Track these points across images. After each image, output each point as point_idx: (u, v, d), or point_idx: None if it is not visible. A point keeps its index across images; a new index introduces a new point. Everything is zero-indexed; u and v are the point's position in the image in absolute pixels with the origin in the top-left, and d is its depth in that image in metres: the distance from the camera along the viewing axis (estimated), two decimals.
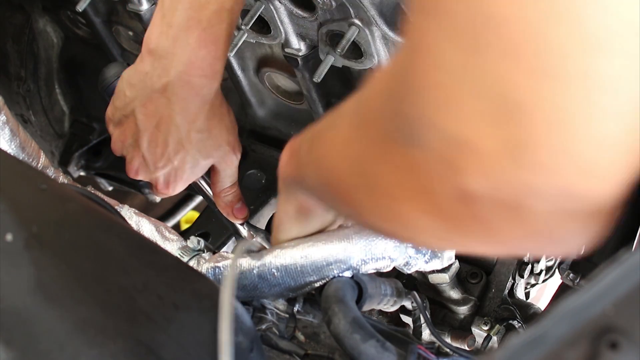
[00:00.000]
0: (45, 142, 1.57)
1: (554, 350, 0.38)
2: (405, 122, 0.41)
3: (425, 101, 0.38)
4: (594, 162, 0.36)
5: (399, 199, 0.46)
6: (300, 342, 0.77)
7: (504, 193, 0.38)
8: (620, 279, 0.39)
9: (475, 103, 0.35)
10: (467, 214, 0.40)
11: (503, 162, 0.36)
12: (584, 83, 0.33)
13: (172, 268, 0.64)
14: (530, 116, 0.35)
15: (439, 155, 0.39)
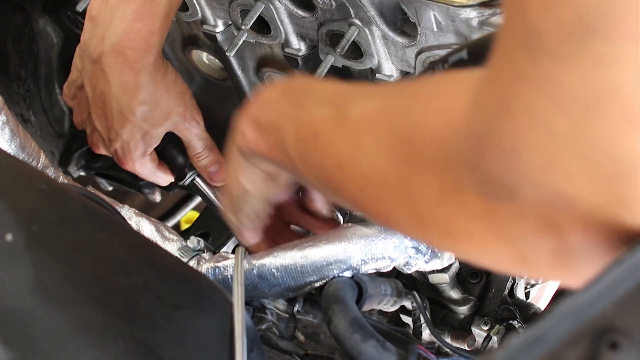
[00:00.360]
0: (45, 142, 1.57)
1: (554, 350, 0.38)
2: (493, 179, 0.42)
3: (517, 162, 0.39)
4: None
5: (459, 239, 0.47)
6: (300, 342, 0.77)
7: (603, 237, 0.40)
8: (620, 279, 0.39)
9: (577, 165, 0.36)
10: (554, 262, 0.42)
11: (603, 214, 0.38)
12: None
13: (172, 268, 0.64)
14: (636, 174, 0.35)
15: (534, 210, 0.40)
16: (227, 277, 0.81)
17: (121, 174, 1.67)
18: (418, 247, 0.81)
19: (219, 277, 0.81)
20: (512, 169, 0.40)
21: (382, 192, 0.53)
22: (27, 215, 0.56)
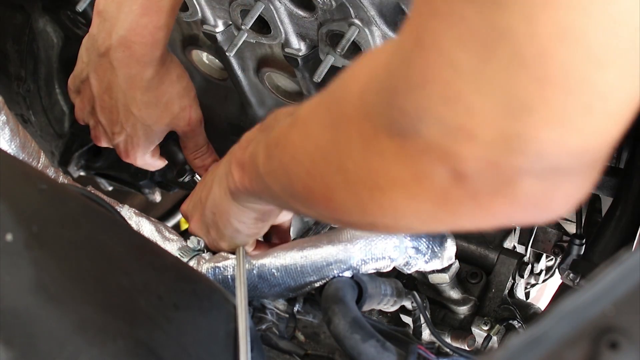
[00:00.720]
0: (45, 142, 1.57)
1: (554, 350, 0.38)
2: (402, 115, 0.44)
3: (424, 95, 0.41)
4: (586, 148, 0.41)
5: (385, 188, 0.48)
6: (300, 342, 0.77)
7: (497, 175, 0.42)
8: (620, 279, 0.39)
9: (478, 100, 0.39)
10: (459, 194, 0.44)
11: (500, 149, 0.40)
12: (582, 90, 0.38)
13: (172, 268, 0.64)
14: (532, 115, 0.39)
15: (438, 143, 0.42)
16: (227, 277, 0.81)
17: (121, 174, 1.68)
18: (418, 247, 0.81)
19: (219, 277, 0.81)
20: (418, 102, 0.42)
21: (322, 166, 0.54)
22: (27, 215, 0.56)
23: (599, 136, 0.41)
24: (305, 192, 0.59)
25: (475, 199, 0.44)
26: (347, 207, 0.55)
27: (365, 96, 0.49)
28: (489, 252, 1.11)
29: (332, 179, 0.54)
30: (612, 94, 0.38)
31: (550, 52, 0.36)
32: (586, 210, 1.20)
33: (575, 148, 0.40)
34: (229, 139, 1.38)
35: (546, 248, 1.21)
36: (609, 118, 0.40)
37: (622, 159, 1.04)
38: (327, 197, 0.56)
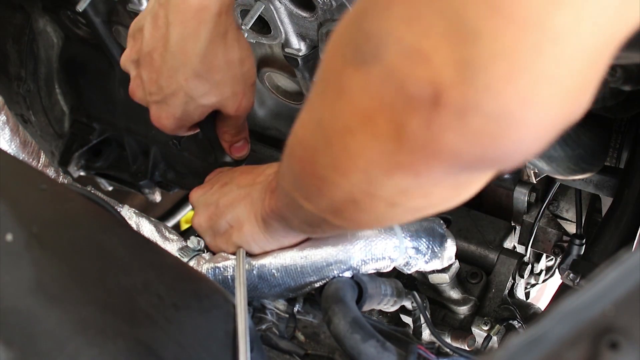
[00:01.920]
0: (45, 142, 1.57)
1: (554, 350, 0.38)
2: (366, 39, 0.44)
3: (388, 16, 0.42)
4: (533, 93, 0.40)
5: (354, 130, 0.49)
6: (300, 342, 0.77)
7: (449, 105, 0.42)
8: (620, 279, 0.39)
9: (436, 21, 0.40)
10: (416, 125, 0.44)
11: (450, 74, 0.41)
12: (533, 28, 0.38)
13: (172, 268, 0.64)
14: (483, 44, 0.39)
15: (396, 67, 0.43)
16: (227, 277, 0.81)
17: (121, 174, 1.68)
18: (418, 248, 0.81)
19: (219, 277, 0.81)
20: (382, 24, 0.43)
21: (309, 132, 0.55)
22: (27, 215, 0.56)
23: (549, 84, 0.40)
24: (300, 169, 0.59)
25: (428, 129, 0.44)
26: (325, 169, 0.54)
27: (339, 29, 0.49)
28: (489, 252, 1.11)
29: (314, 139, 0.54)
30: (566, 39, 0.38)
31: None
32: (586, 210, 1.20)
33: (524, 92, 0.40)
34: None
35: (546, 248, 1.21)
36: (559, 64, 0.39)
37: (622, 159, 1.04)
38: (311, 162, 0.56)
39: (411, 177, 0.49)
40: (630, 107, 0.93)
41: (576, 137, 0.93)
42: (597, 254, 0.99)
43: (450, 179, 0.49)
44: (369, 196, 0.53)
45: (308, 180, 0.59)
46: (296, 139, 0.59)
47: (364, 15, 0.45)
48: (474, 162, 0.46)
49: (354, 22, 0.46)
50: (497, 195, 1.19)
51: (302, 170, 0.59)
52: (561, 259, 1.14)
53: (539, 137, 0.43)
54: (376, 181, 0.51)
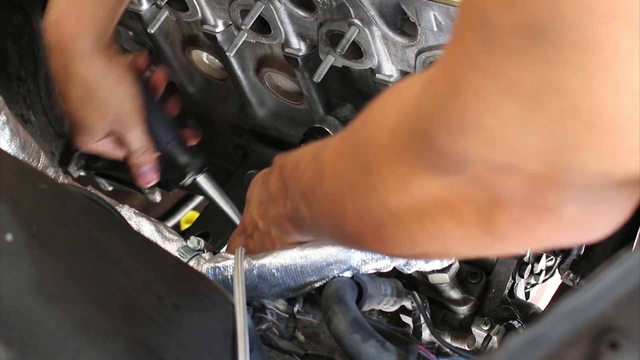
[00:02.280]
0: (45, 142, 1.57)
1: (554, 350, 0.38)
2: (442, 157, 0.45)
3: (472, 140, 0.43)
4: (629, 181, 0.42)
5: (433, 215, 0.50)
6: (300, 342, 0.77)
7: (542, 202, 0.43)
8: (620, 279, 0.39)
9: (528, 142, 0.40)
10: (504, 219, 0.45)
11: (545, 179, 0.42)
12: (633, 134, 0.38)
13: (172, 268, 0.64)
14: (580, 153, 0.40)
15: (483, 178, 0.44)
16: (227, 277, 0.81)
17: (121, 174, 1.67)
18: None
19: (219, 277, 0.81)
20: (460, 146, 0.44)
21: (364, 205, 0.56)
22: (27, 215, 0.56)
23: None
24: (354, 232, 0.60)
25: (520, 224, 0.45)
26: (396, 239, 0.56)
27: (396, 137, 0.50)
28: None
29: (378, 215, 0.55)
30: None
31: (605, 105, 0.37)
32: None
33: (621, 180, 0.41)
34: (229, 139, 1.39)
35: None
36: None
37: None
38: (377, 233, 0.57)
39: (500, 252, 0.53)
40: None
41: None
42: (597, 254, 0.99)
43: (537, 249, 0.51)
44: (444, 256, 0.57)
45: (367, 243, 0.60)
46: (344, 209, 0.59)
47: (431, 135, 0.45)
48: (567, 241, 0.48)
49: (417, 136, 0.47)
50: None
51: (359, 235, 0.59)
52: (561, 259, 1.13)
53: (631, 206, 0.46)
54: (456, 251, 0.53)
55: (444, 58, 0.44)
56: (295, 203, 0.71)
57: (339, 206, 0.59)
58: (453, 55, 0.43)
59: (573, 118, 0.38)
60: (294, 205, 0.71)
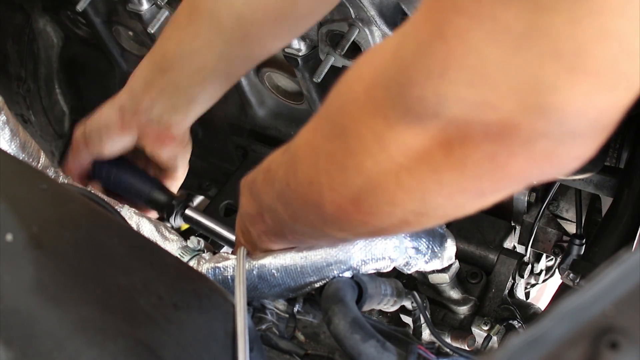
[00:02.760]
0: (45, 142, 1.57)
1: (554, 350, 0.38)
2: (419, 102, 0.46)
3: (445, 82, 0.44)
4: (601, 118, 0.44)
5: (410, 167, 0.51)
6: (300, 342, 0.77)
7: (516, 137, 0.45)
8: (620, 279, 0.39)
9: (508, 81, 0.42)
10: (479, 156, 0.47)
11: (521, 115, 0.43)
12: (612, 76, 0.41)
13: (172, 268, 0.64)
14: (557, 92, 0.42)
15: (460, 118, 0.45)
16: (227, 277, 0.81)
17: None
18: (418, 248, 0.81)
19: (219, 277, 0.81)
20: (439, 89, 0.45)
21: (342, 176, 0.56)
22: (27, 215, 0.56)
23: (618, 107, 0.44)
24: (333, 210, 0.60)
25: (493, 160, 0.47)
26: (374, 205, 0.56)
27: (372, 92, 0.51)
28: (489, 252, 1.11)
29: (354, 184, 0.55)
30: (637, 77, 0.42)
31: (588, 48, 0.39)
32: (586, 210, 1.20)
33: (594, 117, 0.43)
34: (229, 139, 1.39)
35: (546, 248, 1.21)
36: (629, 93, 0.43)
37: (622, 159, 1.04)
38: (355, 204, 0.57)
39: (475, 197, 0.52)
40: (631, 107, 0.92)
41: None
42: (597, 254, 0.99)
43: (510, 187, 0.52)
44: (424, 216, 0.56)
45: (348, 218, 0.60)
46: (322, 186, 0.60)
47: (410, 83, 0.47)
48: (535, 175, 0.49)
49: (393, 86, 0.48)
50: None
51: (339, 211, 0.60)
52: (561, 259, 1.14)
53: (594, 144, 0.47)
54: (435, 205, 0.54)
55: (423, 7, 0.46)
56: (272, 210, 0.71)
57: (315, 186, 0.60)
58: (435, 3, 0.44)
59: (555, 60, 0.40)
60: (272, 212, 0.72)
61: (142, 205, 1.06)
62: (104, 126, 1.02)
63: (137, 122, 1.00)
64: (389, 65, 0.49)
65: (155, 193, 1.05)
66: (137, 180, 1.05)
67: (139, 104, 0.99)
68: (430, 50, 0.45)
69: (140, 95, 0.98)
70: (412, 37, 0.47)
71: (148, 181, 1.05)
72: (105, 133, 1.02)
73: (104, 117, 1.02)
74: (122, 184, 1.06)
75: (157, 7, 1.17)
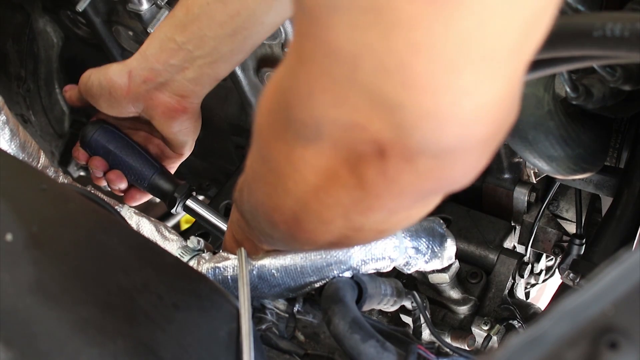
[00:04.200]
0: (45, 142, 1.57)
1: (554, 350, 0.38)
2: (303, 125, 0.49)
3: (314, 105, 0.47)
4: (466, 135, 0.45)
5: (325, 186, 0.53)
6: (300, 342, 0.77)
7: (396, 156, 0.46)
8: (620, 279, 0.39)
9: (360, 101, 0.44)
10: (373, 176, 0.49)
11: (389, 134, 0.45)
12: (444, 92, 0.42)
13: (172, 268, 0.64)
14: (407, 111, 0.43)
15: (342, 140, 0.48)
16: (227, 277, 0.81)
17: None
18: (418, 247, 0.81)
19: (219, 277, 0.81)
20: (311, 111, 0.47)
21: (275, 195, 0.59)
22: (27, 215, 0.56)
23: (475, 124, 0.44)
24: (286, 230, 0.62)
25: (385, 177, 0.48)
26: (311, 223, 0.58)
27: (270, 116, 0.53)
28: (489, 252, 1.11)
29: (289, 206, 0.58)
30: (474, 92, 0.43)
31: (408, 63, 0.41)
32: (586, 210, 1.20)
33: (456, 134, 0.44)
34: (229, 139, 1.39)
35: (546, 248, 1.21)
36: (480, 109, 0.44)
37: (622, 159, 1.04)
38: (297, 224, 0.59)
39: (386, 213, 0.54)
40: (630, 107, 0.93)
41: (576, 137, 0.93)
42: (597, 254, 0.99)
43: (420, 202, 0.54)
44: (358, 231, 0.57)
45: (298, 236, 0.62)
46: (264, 205, 0.62)
47: (289, 105, 0.49)
48: (432, 190, 0.51)
49: (281, 111, 0.51)
50: (497, 195, 1.19)
51: (288, 230, 0.62)
52: (561, 259, 1.14)
53: (480, 159, 0.49)
54: (358, 221, 0.56)
55: (293, 32, 0.48)
56: (253, 226, 0.72)
57: (265, 207, 0.62)
58: (296, 27, 0.46)
59: (385, 75, 0.42)
60: (253, 228, 0.72)
61: (142, 189, 1.04)
62: (108, 85, 0.95)
63: (146, 90, 0.94)
64: (275, 90, 0.51)
65: (158, 179, 1.02)
66: (140, 163, 1.02)
67: (151, 70, 0.92)
68: (297, 74, 0.47)
69: (153, 60, 0.92)
70: (286, 62, 0.49)
71: (152, 165, 1.02)
72: (108, 93, 0.95)
73: (110, 76, 0.95)
74: (124, 164, 1.02)
75: (157, 7, 1.16)
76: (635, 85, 0.81)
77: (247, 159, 0.63)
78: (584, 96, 0.85)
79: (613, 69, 0.79)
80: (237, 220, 0.78)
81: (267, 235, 0.70)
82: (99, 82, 0.97)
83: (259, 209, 0.64)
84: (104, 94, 0.96)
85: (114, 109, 0.98)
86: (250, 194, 0.65)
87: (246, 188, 0.67)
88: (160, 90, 0.94)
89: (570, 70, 0.84)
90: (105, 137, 1.03)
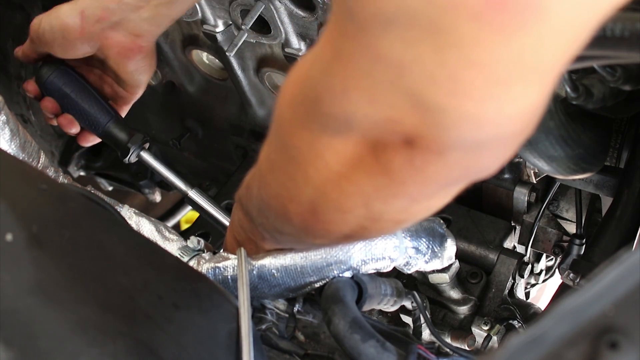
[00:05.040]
0: (45, 142, 1.57)
1: (554, 350, 0.38)
2: (333, 119, 0.50)
3: (348, 102, 0.48)
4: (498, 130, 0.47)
5: (348, 175, 0.54)
6: (300, 342, 0.77)
7: (425, 151, 0.48)
8: (620, 279, 0.39)
9: (399, 101, 0.46)
10: (402, 166, 0.51)
11: (423, 131, 0.47)
12: (494, 101, 0.44)
13: (172, 268, 0.64)
14: (448, 115, 0.45)
15: (372, 132, 0.49)
16: (227, 277, 0.81)
17: (121, 174, 1.68)
18: (418, 247, 0.81)
19: (219, 277, 0.81)
20: (345, 107, 0.49)
21: (294, 187, 0.59)
22: (27, 215, 0.56)
23: (512, 124, 0.47)
24: (300, 222, 0.62)
25: (412, 165, 0.50)
26: (328, 213, 0.59)
27: (294, 108, 0.54)
28: (489, 252, 1.11)
29: (307, 194, 0.58)
30: (520, 100, 0.45)
31: (460, 76, 0.43)
32: (586, 210, 1.20)
33: (488, 129, 0.46)
34: (229, 139, 1.39)
35: (546, 248, 1.21)
36: (520, 112, 0.46)
37: (622, 159, 1.04)
38: (314, 214, 0.60)
39: (408, 200, 0.55)
40: (630, 107, 0.93)
41: (576, 137, 0.93)
42: (597, 254, 0.99)
43: (443, 190, 0.55)
44: (376, 221, 0.58)
45: (313, 227, 0.62)
46: (281, 197, 0.62)
47: (319, 98, 0.50)
48: (458, 179, 0.53)
49: (309, 103, 0.52)
50: (497, 195, 1.19)
51: (303, 222, 0.62)
52: (561, 259, 1.14)
53: (509, 151, 0.51)
54: (378, 209, 0.56)
55: (326, 28, 0.49)
56: (259, 224, 0.72)
57: (280, 199, 0.62)
58: (333, 25, 0.48)
59: (432, 84, 0.44)
60: (261, 226, 0.72)
61: (94, 135, 1.02)
62: (60, 28, 0.94)
63: (101, 29, 0.93)
64: (303, 82, 0.52)
65: (112, 127, 1.00)
66: (96, 109, 1.00)
67: (105, 9, 0.91)
68: (332, 71, 0.48)
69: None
70: (319, 56, 0.50)
71: (107, 112, 1.00)
72: (61, 36, 0.94)
73: (62, 18, 0.94)
74: (79, 109, 1.01)
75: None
76: (635, 85, 0.81)
77: (262, 150, 0.63)
78: (584, 96, 0.85)
79: (613, 69, 0.79)
80: (239, 221, 0.78)
81: (275, 231, 0.70)
82: (50, 26, 0.95)
83: (271, 202, 0.64)
84: (57, 38, 0.95)
85: (69, 51, 0.96)
86: (263, 187, 0.65)
87: (257, 182, 0.67)
88: (115, 30, 0.93)
89: (571, 70, 0.84)
90: (62, 79, 1.01)
